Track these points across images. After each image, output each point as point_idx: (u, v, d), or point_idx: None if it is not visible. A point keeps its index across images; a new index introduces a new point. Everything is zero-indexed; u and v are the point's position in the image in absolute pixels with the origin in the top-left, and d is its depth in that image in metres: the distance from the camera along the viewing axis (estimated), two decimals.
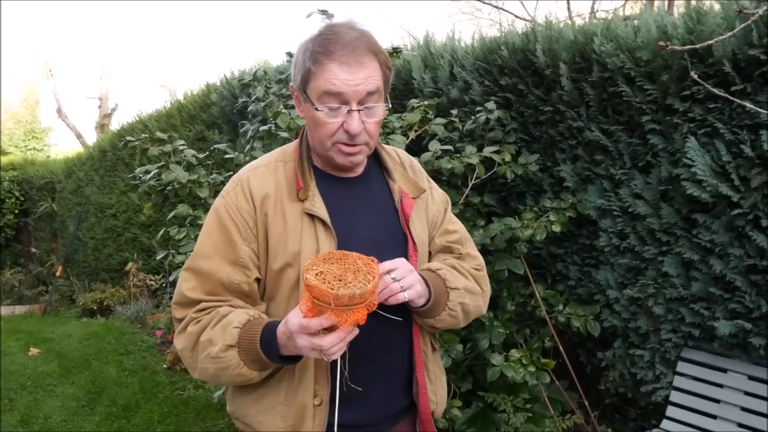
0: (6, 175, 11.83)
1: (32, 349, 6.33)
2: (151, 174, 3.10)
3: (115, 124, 14.93)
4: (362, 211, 1.57)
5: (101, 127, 16.82)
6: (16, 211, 11.88)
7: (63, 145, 23.11)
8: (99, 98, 17.85)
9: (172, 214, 3.07)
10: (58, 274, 9.91)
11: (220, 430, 4.01)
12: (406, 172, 1.70)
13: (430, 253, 1.70)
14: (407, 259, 1.53)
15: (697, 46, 2.43)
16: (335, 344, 1.28)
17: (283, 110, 3.03)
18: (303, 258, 1.45)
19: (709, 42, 2.44)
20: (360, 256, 1.34)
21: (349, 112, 1.42)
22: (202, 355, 1.44)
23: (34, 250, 11.71)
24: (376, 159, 1.68)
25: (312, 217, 1.49)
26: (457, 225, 1.77)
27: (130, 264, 8.08)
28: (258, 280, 1.52)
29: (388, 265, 1.42)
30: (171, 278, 3.00)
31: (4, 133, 23.68)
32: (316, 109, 1.44)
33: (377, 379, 1.55)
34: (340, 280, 1.25)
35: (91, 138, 16.54)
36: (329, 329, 1.28)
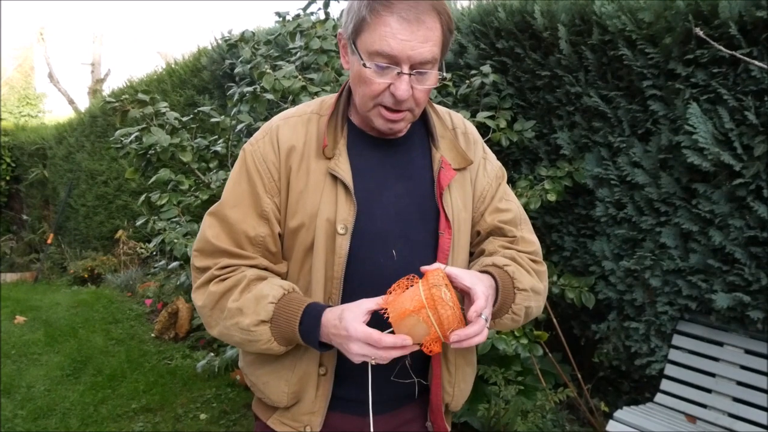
0: None
1: (18, 317, 6.27)
2: (131, 137, 2.98)
3: (107, 90, 14.73)
4: (393, 177, 1.44)
5: (93, 92, 16.61)
6: (8, 178, 11.77)
7: (58, 112, 22.88)
8: (91, 64, 17.61)
9: (153, 178, 2.96)
10: (49, 241, 9.83)
11: (206, 400, 3.95)
12: (457, 139, 1.53)
13: (478, 232, 1.54)
14: (438, 236, 1.42)
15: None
16: (392, 358, 1.22)
17: (269, 71, 2.91)
18: (319, 221, 1.36)
19: None
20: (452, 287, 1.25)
21: (399, 74, 1.29)
22: (229, 322, 1.35)
23: (25, 217, 11.63)
24: (423, 122, 1.52)
25: (335, 178, 1.38)
26: (512, 202, 1.58)
27: (120, 232, 7.99)
28: (280, 235, 1.42)
29: (481, 303, 1.24)
30: (152, 245, 2.90)
31: None
32: (364, 65, 1.30)
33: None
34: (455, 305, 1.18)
35: (84, 104, 16.36)
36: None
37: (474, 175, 1.53)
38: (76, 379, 4.48)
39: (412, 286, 1.20)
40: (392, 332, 1.20)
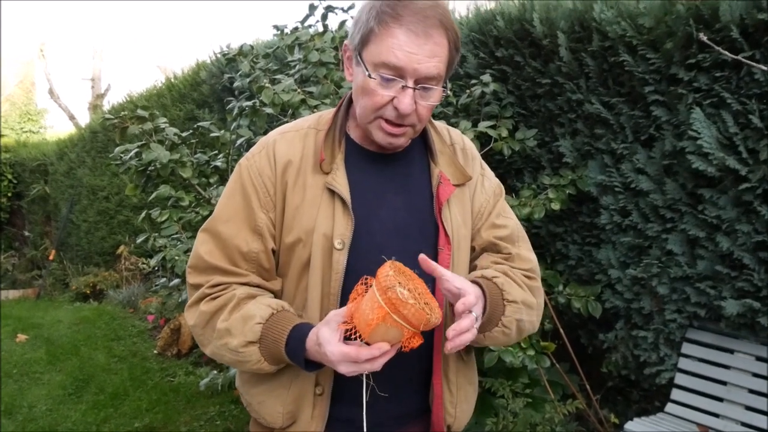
0: None
1: (20, 335, 6.24)
2: (131, 153, 2.96)
3: (107, 105, 14.74)
4: (391, 192, 1.42)
5: (94, 108, 16.62)
6: (9, 194, 11.73)
7: (59, 127, 22.93)
8: (92, 79, 17.64)
9: (153, 195, 2.93)
10: (51, 257, 9.81)
11: (210, 417, 3.91)
12: (455, 155, 1.51)
13: (473, 248, 1.51)
14: (438, 252, 1.39)
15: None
16: (381, 363, 1.19)
17: (267, 84, 2.88)
18: (315, 236, 1.33)
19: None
20: (418, 278, 1.21)
21: (404, 88, 1.27)
22: (218, 343, 1.33)
23: (27, 233, 11.60)
24: (421, 137, 1.49)
25: (333, 193, 1.36)
26: (510, 219, 1.56)
27: (121, 247, 7.97)
28: (273, 251, 1.40)
29: (471, 300, 1.22)
30: (153, 262, 2.87)
31: None
32: (369, 76, 1.28)
33: (379, 375, 1.41)
34: (426, 303, 1.14)
35: (85, 119, 16.37)
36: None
37: (472, 192, 1.51)
38: (78, 398, 4.44)
39: (368, 289, 1.17)
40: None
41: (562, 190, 3.05)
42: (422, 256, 1.25)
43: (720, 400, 2.83)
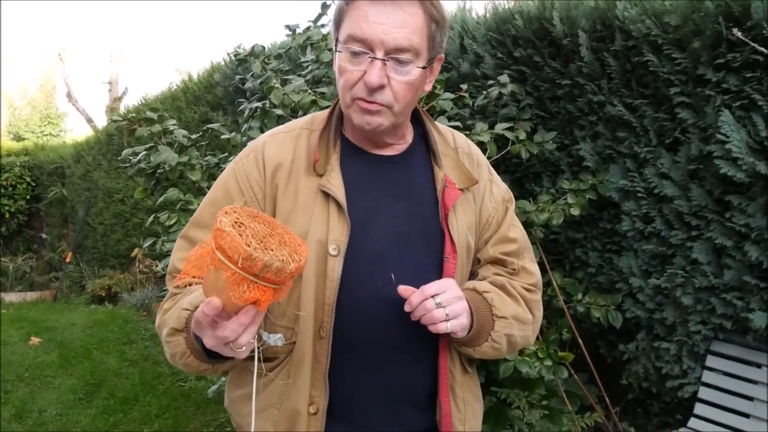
0: (17, 161, 11.75)
1: (33, 338, 6.22)
2: (139, 156, 2.90)
3: (123, 109, 14.84)
4: (391, 196, 1.34)
5: (111, 111, 16.75)
6: (28, 197, 11.79)
7: (78, 130, 23.20)
8: (109, 82, 17.79)
9: (161, 198, 2.87)
10: (68, 260, 9.84)
11: (220, 424, 3.84)
12: (460, 158, 1.42)
13: (478, 260, 1.45)
14: (444, 260, 1.31)
15: None
16: (239, 333, 1.01)
17: (277, 85, 2.81)
18: (309, 242, 1.24)
19: None
20: (291, 233, 1.08)
21: (372, 60, 1.19)
22: (161, 336, 1.26)
23: (45, 236, 11.65)
24: (424, 139, 1.42)
25: (327, 196, 1.28)
26: (519, 231, 1.48)
27: (136, 250, 7.96)
28: None
29: (433, 288, 1.20)
30: (160, 267, 2.80)
31: (21, 119, 23.86)
32: (338, 51, 1.22)
33: (379, 391, 1.32)
34: (261, 242, 0.98)
35: (102, 122, 16.50)
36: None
37: (480, 198, 1.42)
38: (89, 402, 4.40)
39: None
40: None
41: (582, 195, 2.94)
42: (402, 288, 1.22)
43: (746, 416, 2.71)
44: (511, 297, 1.36)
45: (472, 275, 1.45)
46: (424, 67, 1.24)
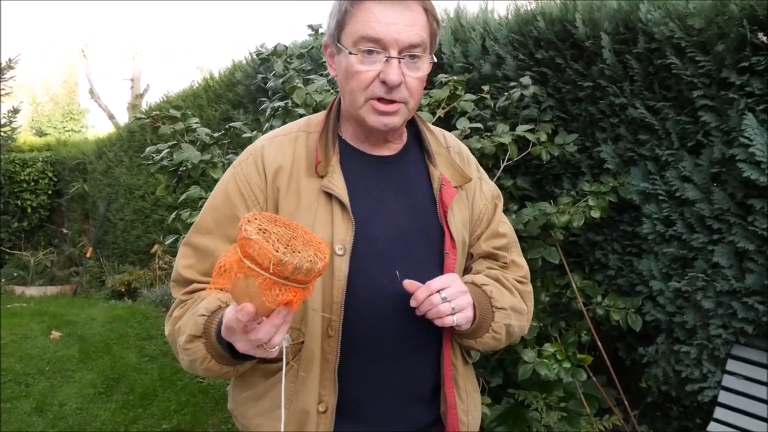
0: (40, 156, 11.89)
1: (54, 332, 6.29)
2: (162, 153, 2.93)
3: (145, 106, 14.95)
4: (391, 195, 1.36)
5: (132, 108, 16.89)
6: (50, 192, 11.93)
7: (100, 127, 23.44)
8: (131, 79, 17.93)
9: (183, 196, 2.90)
10: (88, 255, 9.94)
11: None
12: (452, 157, 1.47)
13: (471, 255, 1.49)
14: (444, 256, 1.35)
15: None
16: (273, 334, 1.05)
17: (300, 85, 2.83)
18: None
19: None
20: (309, 232, 1.10)
21: (388, 59, 1.22)
22: (177, 346, 1.27)
23: (66, 230, 11.78)
24: (417, 139, 1.46)
25: (330, 196, 1.30)
26: (507, 227, 1.54)
27: (155, 246, 8.02)
28: None
29: (438, 282, 1.24)
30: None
31: (43, 114, 24.16)
32: (350, 53, 1.23)
33: (386, 388, 1.35)
34: (287, 246, 1.01)
35: (124, 119, 16.64)
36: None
37: (471, 196, 1.47)
38: (108, 397, 4.45)
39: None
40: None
41: (602, 198, 2.94)
42: (407, 282, 1.26)
43: (767, 420, 2.69)
44: (507, 289, 1.42)
45: (466, 270, 1.50)
46: (432, 62, 1.30)
